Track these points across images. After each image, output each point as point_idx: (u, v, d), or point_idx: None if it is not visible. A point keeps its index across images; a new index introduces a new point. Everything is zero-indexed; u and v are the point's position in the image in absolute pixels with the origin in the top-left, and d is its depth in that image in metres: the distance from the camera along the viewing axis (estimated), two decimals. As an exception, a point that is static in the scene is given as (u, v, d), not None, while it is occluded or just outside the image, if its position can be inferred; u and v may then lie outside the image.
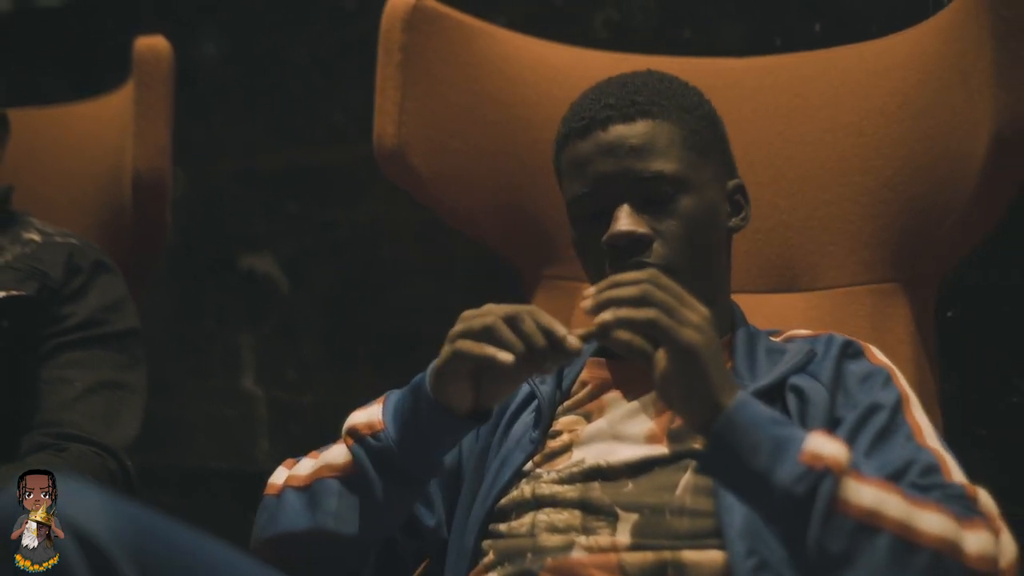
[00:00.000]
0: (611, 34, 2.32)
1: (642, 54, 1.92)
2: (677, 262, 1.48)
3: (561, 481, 1.46)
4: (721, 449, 1.28)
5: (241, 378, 2.76)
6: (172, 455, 2.76)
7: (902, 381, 1.46)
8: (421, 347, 2.50)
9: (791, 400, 1.44)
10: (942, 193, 1.68)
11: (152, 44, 2.03)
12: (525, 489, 1.48)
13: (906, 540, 1.25)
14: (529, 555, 1.43)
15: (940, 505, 1.28)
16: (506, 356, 1.33)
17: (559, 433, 1.51)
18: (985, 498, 1.33)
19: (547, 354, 1.33)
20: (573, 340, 1.32)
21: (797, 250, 1.79)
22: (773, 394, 1.45)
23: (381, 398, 1.48)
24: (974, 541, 1.27)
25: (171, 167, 2.03)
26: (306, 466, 1.51)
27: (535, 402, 1.55)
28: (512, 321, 1.34)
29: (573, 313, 1.82)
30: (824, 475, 1.24)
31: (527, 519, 1.45)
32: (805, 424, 1.42)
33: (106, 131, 2.12)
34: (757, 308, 1.67)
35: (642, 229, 1.48)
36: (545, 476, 1.47)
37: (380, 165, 1.84)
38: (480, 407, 1.41)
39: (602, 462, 1.46)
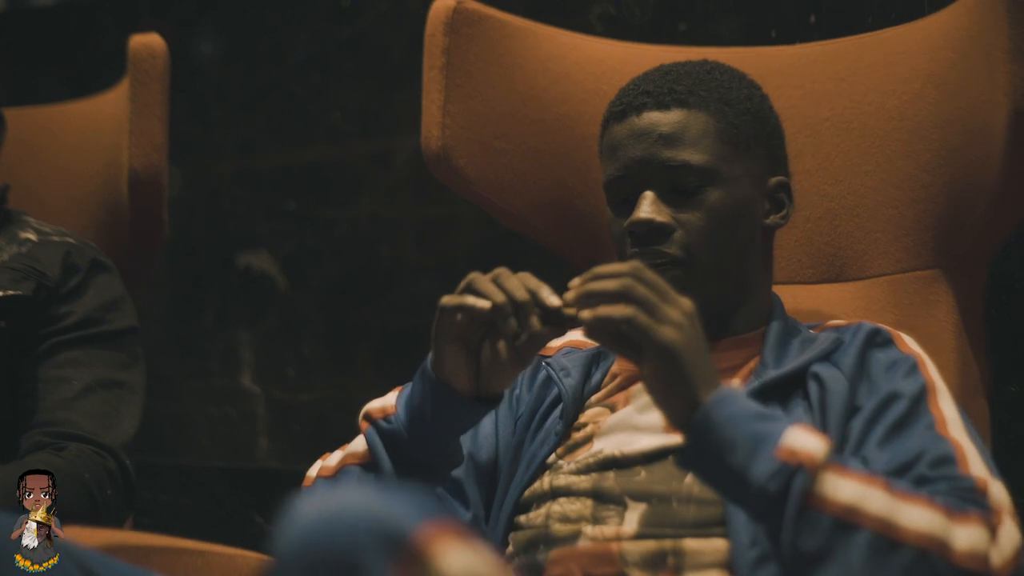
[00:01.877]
0: (606, 28, 2.32)
1: (686, 46, 1.91)
2: (697, 254, 1.48)
3: (578, 471, 1.46)
4: (698, 446, 1.27)
5: (240, 376, 2.76)
6: (171, 454, 2.76)
7: (930, 370, 1.44)
8: (421, 345, 2.51)
9: (812, 388, 1.43)
10: (972, 174, 1.66)
11: (147, 42, 2.03)
12: (544, 481, 1.48)
13: (886, 537, 1.23)
14: (541, 546, 1.43)
15: (929, 499, 1.26)
16: (483, 303, 1.34)
17: (584, 425, 1.51)
18: (997, 492, 1.30)
19: (529, 308, 1.33)
20: (555, 299, 1.32)
21: (845, 238, 1.76)
22: (793, 382, 1.45)
23: (400, 387, 1.48)
24: (964, 537, 1.24)
25: (167, 165, 2.03)
26: (336, 457, 1.53)
27: None
28: (496, 277, 1.36)
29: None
30: (797, 471, 1.23)
31: (543, 510, 1.46)
32: (825, 412, 1.41)
33: (102, 129, 2.12)
34: (808, 299, 1.67)
35: (661, 218, 1.49)
36: (565, 467, 1.48)
37: (429, 168, 1.85)
38: (484, 391, 1.40)
39: (617, 452, 1.46)
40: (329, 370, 2.70)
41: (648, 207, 1.49)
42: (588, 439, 1.50)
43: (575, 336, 1.63)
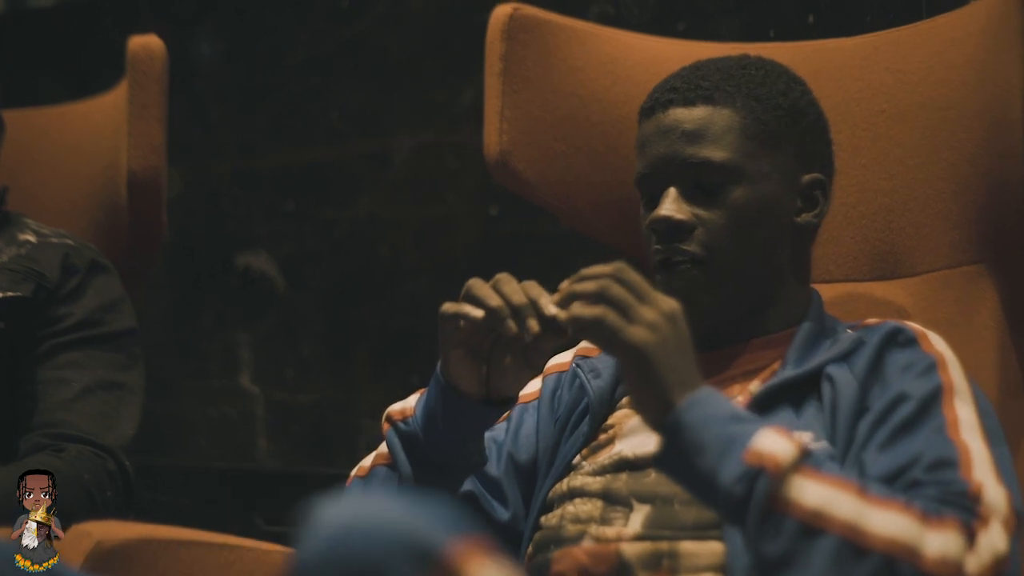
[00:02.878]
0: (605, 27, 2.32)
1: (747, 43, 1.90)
2: (718, 253, 1.47)
3: (593, 473, 1.46)
4: (670, 448, 1.26)
5: (239, 377, 2.76)
6: (170, 455, 2.76)
7: (951, 370, 1.40)
8: (420, 346, 2.51)
9: (826, 389, 1.42)
10: (1004, 165, 1.64)
11: (146, 43, 2.03)
12: (564, 482, 1.48)
13: (853, 543, 1.21)
14: (551, 546, 1.44)
15: (904, 504, 1.24)
16: (477, 312, 1.34)
17: (611, 427, 1.51)
18: (992, 497, 1.27)
19: (527, 311, 1.33)
20: (553, 309, 1.32)
21: (898, 234, 1.73)
22: (809, 383, 1.43)
23: (422, 389, 1.49)
24: (936, 543, 1.21)
25: (166, 166, 2.03)
26: (370, 457, 1.54)
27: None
28: (495, 283, 1.36)
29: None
30: (760, 474, 1.22)
31: (559, 511, 1.46)
32: (835, 414, 1.39)
33: (101, 131, 2.11)
34: (863, 298, 1.66)
35: (681, 216, 1.47)
36: (586, 468, 1.48)
37: (489, 173, 1.86)
38: (493, 394, 1.41)
39: (631, 454, 1.45)
40: (328, 371, 2.70)
41: (669, 204, 1.48)
42: (611, 441, 1.49)
43: None
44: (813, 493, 1.22)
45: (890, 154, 1.74)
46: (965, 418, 1.36)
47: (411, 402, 1.49)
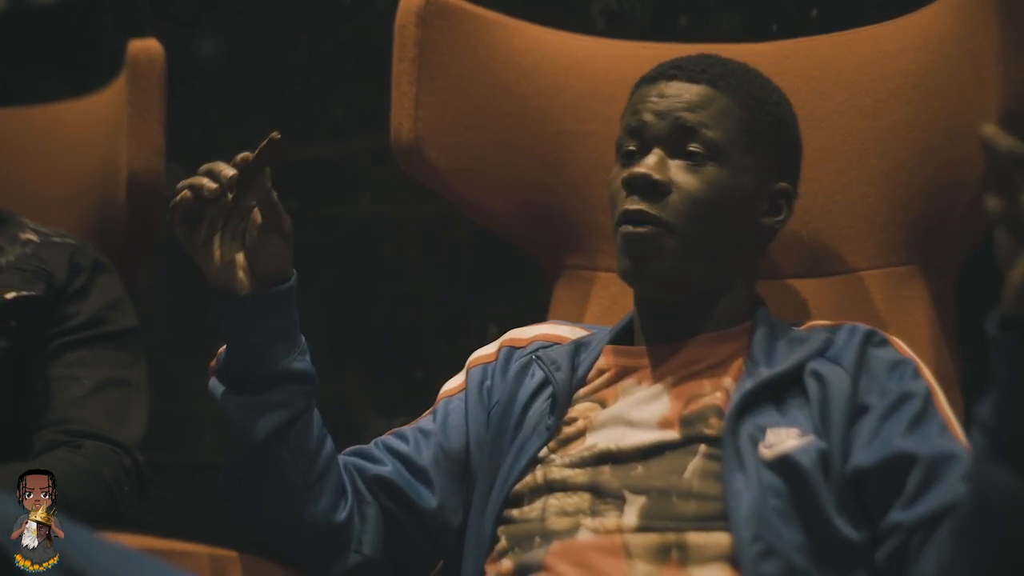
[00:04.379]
0: (608, 23, 2.32)
1: (654, 42, 1.91)
2: (688, 223, 1.49)
3: (572, 465, 1.48)
4: None
5: (244, 375, 2.75)
6: (176, 452, 2.77)
7: (928, 374, 1.46)
8: (423, 342, 2.51)
9: (811, 385, 1.44)
10: (954, 173, 1.68)
11: (146, 47, 2.03)
12: (538, 474, 1.49)
13: None
14: (537, 539, 1.44)
15: None
16: (183, 192, 1.43)
17: (574, 420, 1.52)
18: None
19: (218, 167, 1.43)
20: (244, 155, 1.45)
21: (817, 235, 1.78)
22: (787, 381, 1.46)
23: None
24: None
25: (165, 167, 2.03)
26: None
27: (549, 389, 1.56)
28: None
29: (590, 302, 1.85)
30: None
31: (538, 504, 1.47)
32: (827, 408, 1.42)
33: (94, 129, 2.12)
34: (780, 295, 1.69)
35: (660, 176, 1.50)
36: (558, 461, 1.49)
37: (397, 160, 1.85)
38: (261, 277, 1.48)
39: (613, 446, 1.47)
40: (331, 368, 2.70)
41: (651, 161, 1.51)
42: (581, 433, 1.51)
43: (544, 329, 1.66)
44: None
45: (807, 158, 1.77)
46: (954, 420, 1.42)
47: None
